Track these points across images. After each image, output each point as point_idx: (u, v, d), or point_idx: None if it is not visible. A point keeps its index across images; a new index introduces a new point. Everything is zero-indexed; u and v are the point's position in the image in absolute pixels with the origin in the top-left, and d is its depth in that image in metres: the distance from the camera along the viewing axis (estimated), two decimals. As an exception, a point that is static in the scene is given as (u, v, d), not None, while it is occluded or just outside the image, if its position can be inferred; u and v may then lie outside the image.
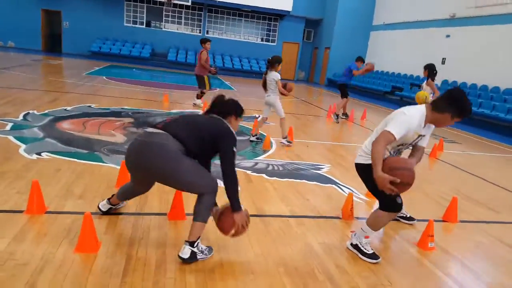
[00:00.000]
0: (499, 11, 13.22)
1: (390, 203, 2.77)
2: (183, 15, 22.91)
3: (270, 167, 4.89)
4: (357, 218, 3.67)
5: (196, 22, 23.25)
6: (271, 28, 23.94)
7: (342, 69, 22.68)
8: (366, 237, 2.94)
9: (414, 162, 2.87)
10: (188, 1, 19.66)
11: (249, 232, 3.01)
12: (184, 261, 2.52)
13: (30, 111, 6.43)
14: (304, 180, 4.56)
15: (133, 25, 22.28)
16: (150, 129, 2.58)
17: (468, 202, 4.57)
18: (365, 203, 4.12)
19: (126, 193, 3.01)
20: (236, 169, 2.61)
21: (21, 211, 3.00)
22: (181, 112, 8.15)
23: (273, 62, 6.10)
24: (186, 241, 2.55)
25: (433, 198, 4.56)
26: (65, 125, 5.88)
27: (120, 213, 3.17)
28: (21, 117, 6.02)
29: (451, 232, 3.69)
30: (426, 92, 7.12)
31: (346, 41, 22.15)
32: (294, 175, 4.69)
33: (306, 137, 7.20)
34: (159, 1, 21.36)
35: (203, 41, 8.81)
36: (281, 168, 4.90)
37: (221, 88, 13.79)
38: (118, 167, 4.18)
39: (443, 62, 15.94)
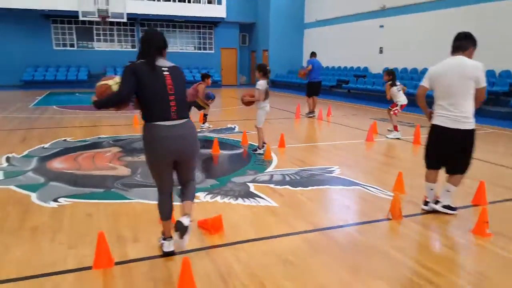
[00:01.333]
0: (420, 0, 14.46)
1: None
2: (115, 32, 21.99)
3: (287, 177, 4.96)
4: (405, 216, 3.73)
5: (129, 38, 22.46)
6: (207, 36, 23.86)
7: (283, 69, 23.52)
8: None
9: None
10: (123, 18, 18.89)
11: (322, 251, 3.10)
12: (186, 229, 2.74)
13: (10, 155, 5.84)
14: (327, 186, 4.66)
15: (63, 48, 20.89)
16: (175, 122, 2.73)
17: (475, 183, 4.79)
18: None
19: (167, 205, 2.95)
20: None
21: (88, 268, 2.77)
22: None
23: (257, 70, 6.19)
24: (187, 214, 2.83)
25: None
26: (58, 165, 5.44)
27: (189, 251, 3.05)
28: (4, 162, 5.45)
29: (492, 215, 3.55)
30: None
31: (282, 42, 22.80)
32: (314, 182, 4.77)
33: (297, 141, 7.33)
34: (88, 21, 20.26)
35: (205, 76, 8.37)
36: (298, 177, 4.98)
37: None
38: (147, 201, 4.01)
39: (381, 51, 17.07)
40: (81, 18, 18.68)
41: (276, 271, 2.74)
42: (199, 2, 21.88)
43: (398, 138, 7.55)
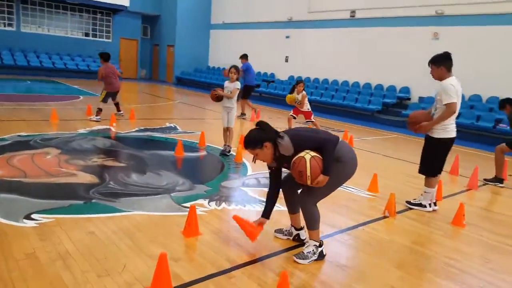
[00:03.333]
0: (327, 16, 15.70)
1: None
2: (-14, 8, 18.53)
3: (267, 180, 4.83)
4: (397, 212, 4.13)
5: (6, 15, 19.16)
6: (104, 23, 21.81)
7: (189, 67, 22.89)
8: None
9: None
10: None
11: (361, 250, 3.15)
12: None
13: None
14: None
15: None
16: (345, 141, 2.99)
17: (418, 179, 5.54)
18: (378, 198, 4.61)
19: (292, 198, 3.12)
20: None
21: (144, 298, 2.28)
22: (90, 131, 6.93)
23: (235, 70, 5.98)
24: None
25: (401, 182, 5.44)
26: (-10, 171, 4.33)
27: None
28: None
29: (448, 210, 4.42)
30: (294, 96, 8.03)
31: (189, 39, 22.21)
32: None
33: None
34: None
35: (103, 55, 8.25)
36: (284, 180, 4.90)
37: (74, 94, 12.03)
38: (148, 212, 3.49)
39: (286, 60, 17.95)
40: None
41: (340, 277, 2.71)
42: (98, -14, 19.87)
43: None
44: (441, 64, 4.02)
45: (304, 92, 7.98)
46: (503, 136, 8.85)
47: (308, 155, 2.65)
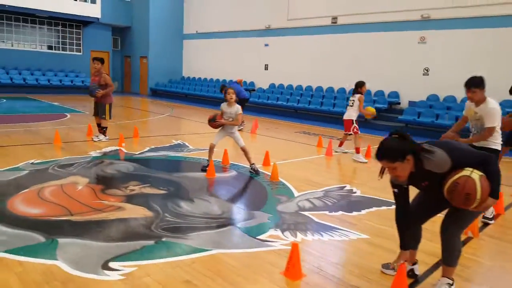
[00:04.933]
0: (307, 23, 15.78)
1: None
2: None
3: (327, 202, 4.59)
4: None
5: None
6: (74, 36, 20.64)
7: (164, 78, 22.15)
8: None
9: None
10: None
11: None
12: None
13: None
14: (374, 208, 4.45)
15: None
16: None
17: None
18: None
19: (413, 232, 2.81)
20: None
21: None
22: (102, 154, 6.38)
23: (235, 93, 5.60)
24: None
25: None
26: (25, 209, 3.77)
27: None
28: None
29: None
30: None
31: (162, 50, 21.56)
32: (356, 205, 4.54)
33: (283, 157, 6.87)
34: None
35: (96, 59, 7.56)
36: (334, 200, 4.67)
37: (59, 112, 11.19)
38: (229, 250, 3.15)
39: (266, 68, 17.83)
40: None
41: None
42: (68, -3, 18.77)
43: (345, 152, 7.88)
44: (484, 86, 3.97)
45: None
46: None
47: (475, 174, 2.22)
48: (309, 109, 14.00)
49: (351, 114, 7.28)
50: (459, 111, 11.05)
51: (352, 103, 7.27)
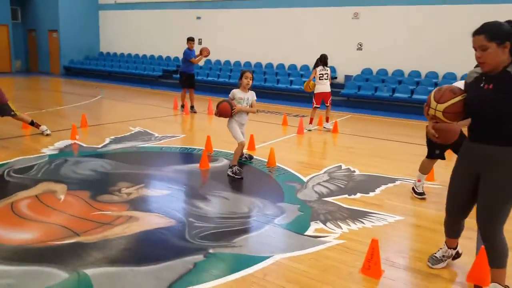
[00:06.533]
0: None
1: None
2: None
3: (334, 186, 4.46)
4: None
5: None
6: (-39, 5, 17.08)
7: (78, 55, 19.67)
8: (419, 180, 4.11)
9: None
10: None
11: None
12: None
13: None
14: (383, 186, 4.43)
15: None
16: None
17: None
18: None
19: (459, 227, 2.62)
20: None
21: None
22: (59, 150, 5.38)
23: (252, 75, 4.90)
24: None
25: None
26: (4, 234, 2.93)
27: None
28: None
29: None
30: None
31: (75, 23, 19.05)
32: (367, 186, 4.46)
33: (260, 139, 6.43)
34: None
35: None
36: (344, 182, 4.55)
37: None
38: (293, 253, 2.85)
39: (200, 43, 16.85)
40: None
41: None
42: None
43: (309, 130, 7.82)
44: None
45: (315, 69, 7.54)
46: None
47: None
48: (266, 87, 13.29)
49: (328, 86, 7.53)
50: (393, 83, 11.79)
51: (327, 76, 7.31)
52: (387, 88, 11.49)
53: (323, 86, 7.51)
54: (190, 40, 9.43)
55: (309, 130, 7.70)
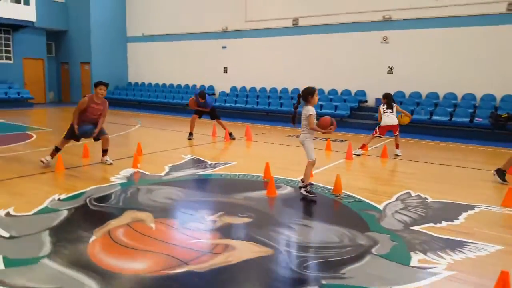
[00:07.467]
0: (267, 25, 15.60)
1: None
2: None
3: (414, 214, 4.37)
4: None
5: None
6: (3, 42, 17.89)
7: (110, 85, 20.13)
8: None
9: None
10: None
11: None
12: None
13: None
14: (465, 214, 4.35)
15: None
16: None
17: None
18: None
19: None
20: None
21: None
22: (127, 179, 5.44)
23: (305, 95, 5.12)
24: None
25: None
26: (112, 262, 2.92)
27: None
28: None
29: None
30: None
31: (106, 54, 19.76)
32: (451, 212, 4.39)
33: (293, 167, 6.45)
34: None
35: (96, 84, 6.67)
36: (422, 209, 4.47)
37: (16, 132, 9.52)
38: (408, 285, 2.74)
39: (225, 71, 17.23)
40: None
41: None
42: (-3, -2, 16.15)
43: (358, 155, 7.81)
44: None
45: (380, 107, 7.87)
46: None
47: None
48: (283, 111, 13.75)
49: (394, 118, 7.80)
50: (429, 106, 11.76)
51: (392, 109, 7.77)
52: (425, 111, 11.42)
53: (389, 119, 7.71)
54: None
55: (358, 155, 7.67)
